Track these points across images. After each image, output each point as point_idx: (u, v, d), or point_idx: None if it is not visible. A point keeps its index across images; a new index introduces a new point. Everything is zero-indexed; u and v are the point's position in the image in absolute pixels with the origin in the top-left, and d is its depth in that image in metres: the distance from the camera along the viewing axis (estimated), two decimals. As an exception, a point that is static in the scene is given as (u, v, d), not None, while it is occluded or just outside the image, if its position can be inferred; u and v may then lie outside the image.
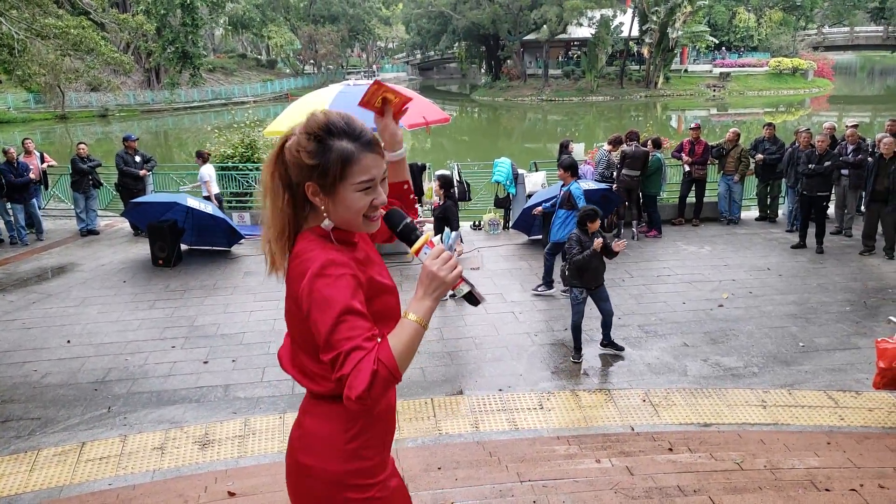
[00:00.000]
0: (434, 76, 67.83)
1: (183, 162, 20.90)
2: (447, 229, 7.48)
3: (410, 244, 1.49)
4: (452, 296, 1.44)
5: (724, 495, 3.02)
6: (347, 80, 8.65)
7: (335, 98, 7.61)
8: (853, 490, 3.01)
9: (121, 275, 8.08)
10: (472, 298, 1.50)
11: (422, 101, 8.59)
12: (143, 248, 8.88)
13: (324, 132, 1.48)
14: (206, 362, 5.54)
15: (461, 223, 9.92)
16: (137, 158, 10.08)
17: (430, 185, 10.50)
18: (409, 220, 1.52)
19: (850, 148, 8.67)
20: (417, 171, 10.52)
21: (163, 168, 12.41)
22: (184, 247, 8.80)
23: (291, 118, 8.00)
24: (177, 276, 7.96)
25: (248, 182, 10.83)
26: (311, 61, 57.91)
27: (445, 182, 7.52)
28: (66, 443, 4.27)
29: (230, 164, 10.85)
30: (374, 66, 67.12)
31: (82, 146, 10.03)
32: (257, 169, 10.95)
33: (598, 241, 5.08)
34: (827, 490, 3.05)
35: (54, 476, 3.89)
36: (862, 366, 5.12)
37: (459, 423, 4.42)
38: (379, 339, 1.40)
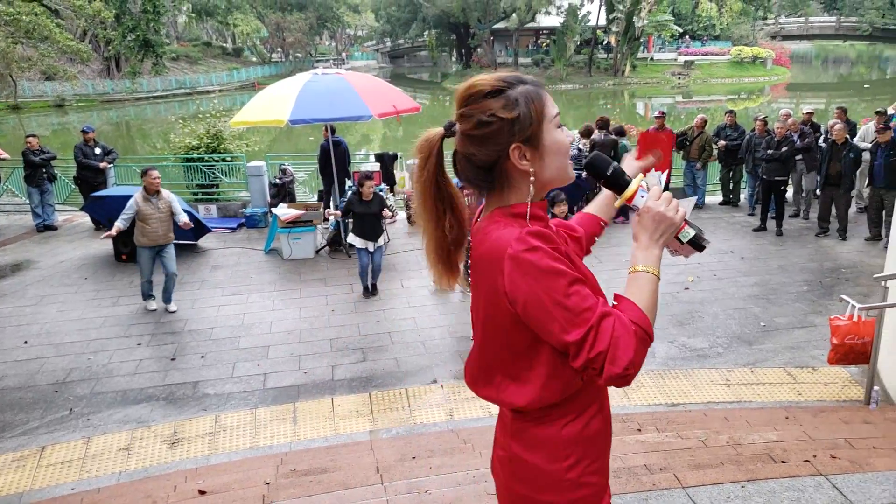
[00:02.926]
0: (405, 64, 67.21)
1: (147, 154, 20.35)
2: (653, 171, 7.38)
3: (620, 190, 1.30)
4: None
5: (688, 471, 3.11)
6: (316, 68, 8.48)
7: (304, 87, 7.48)
8: (807, 461, 3.13)
9: (82, 271, 7.86)
10: (698, 243, 1.32)
11: (392, 90, 8.52)
12: (104, 244, 8.65)
13: (503, 83, 1.28)
14: (173, 359, 5.45)
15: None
16: (98, 150, 9.76)
17: (402, 175, 10.50)
18: (616, 163, 1.33)
19: (796, 136, 8.88)
20: (389, 160, 10.49)
21: (125, 160, 12.06)
22: (148, 241, 8.60)
23: (259, 108, 7.82)
24: (141, 271, 7.78)
25: (213, 174, 10.62)
26: (279, 49, 56.81)
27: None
28: (24, 447, 4.17)
29: (195, 155, 10.61)
30: (344, 54, 66.24)
31: (31, 139, 9.61)
32: (223, 160, 10.74)
33: None
34: (783, 462, 3.16)
35: (13, 482, 3.78)
36: (818, 342, 5.31)
37: (434, 413, 4.45)
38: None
